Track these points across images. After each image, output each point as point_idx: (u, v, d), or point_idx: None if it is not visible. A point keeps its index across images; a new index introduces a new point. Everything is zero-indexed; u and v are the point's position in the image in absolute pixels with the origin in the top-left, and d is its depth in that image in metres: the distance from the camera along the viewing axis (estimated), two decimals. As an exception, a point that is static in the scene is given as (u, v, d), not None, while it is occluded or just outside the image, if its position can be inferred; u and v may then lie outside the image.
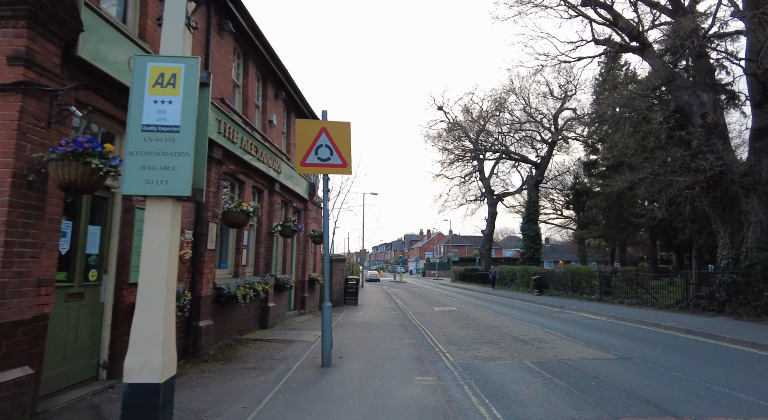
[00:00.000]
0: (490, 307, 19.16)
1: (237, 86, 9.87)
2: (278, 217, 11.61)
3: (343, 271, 18.36)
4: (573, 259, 63.16)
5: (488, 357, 7.96)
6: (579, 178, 38.33)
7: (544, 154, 34.03)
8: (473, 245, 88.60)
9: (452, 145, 40.61)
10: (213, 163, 7.81)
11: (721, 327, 11.42)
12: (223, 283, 8.38)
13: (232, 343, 8.58)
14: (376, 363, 7.07)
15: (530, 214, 33.46)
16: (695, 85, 14.09)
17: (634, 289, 18.47)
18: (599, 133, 30.97)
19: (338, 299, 18.13)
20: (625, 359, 7.69)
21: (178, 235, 3.65)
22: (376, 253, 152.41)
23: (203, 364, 6.82)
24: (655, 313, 14.83)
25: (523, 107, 34.07)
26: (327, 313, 6.76)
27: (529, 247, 33.13)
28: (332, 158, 7.02)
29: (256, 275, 10.46)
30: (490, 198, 41.10)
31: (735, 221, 13.05)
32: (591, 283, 21.95)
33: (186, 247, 7.11)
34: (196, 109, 3.56)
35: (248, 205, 7.74)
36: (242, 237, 9.51)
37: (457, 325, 12.77)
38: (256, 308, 10.37)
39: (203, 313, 7.47)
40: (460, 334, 10.79)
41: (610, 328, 12.35)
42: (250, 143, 9.38)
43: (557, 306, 19.18)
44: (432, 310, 17.59)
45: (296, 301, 13.99)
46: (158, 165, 3.43)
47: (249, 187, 9.85)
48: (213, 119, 7.66)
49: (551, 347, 8.92)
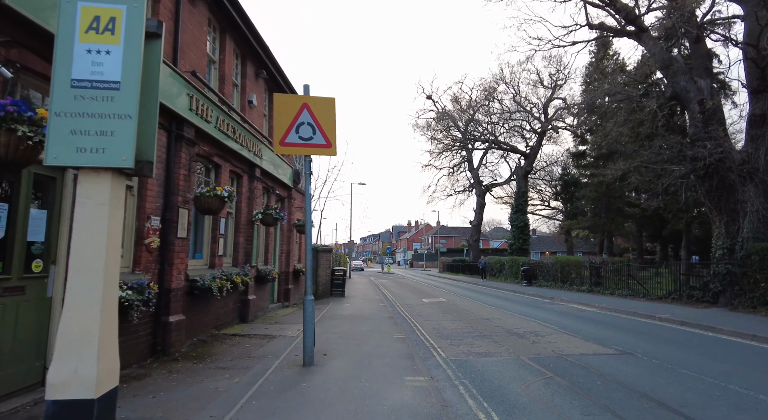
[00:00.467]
0: (480, 298, 18.78)
1: (213, 62, 9.11)
2: (259, 204, 10.93)
3: (330, 262, 17.75)
4: (559, 250, 63.50)
5: (483, 352, 7.46)
6: (567, 169, 38.20)
7: (534, 144, 33.69)
8: (461, 236, 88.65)
9: (441, 135, 40.08)
10: (183, 142, 7.09)
11: (718, 318, 11.13)
12: (197, 274, 7.71)
13: (207, 339, 7.94)
14: (363, 361, 6.51)
15: (519, 204, 33.18)
16: (692, 71, 13.69)
17: (625, 280, 18.24)
18: (588, 124, 30.72)
19: (324, 291, 17.54)
20: (627, 355, 7.26)
21: (120, 216, 3.00)
22: (364, 244, 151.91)
23: (172, 364, 6.18)
24: (647, 305, 14.56)
25: (513, 96, 33.63)
26: (309, 307, 6.17)
27: (517, 238, 32.89)
28: (315, 137, 6.38)
29: (234, 266, 9.80)
30: (478, 188, 40.75)
31: (731, 211, 12.76)
32: (581, 274, 21.73)
33: (153, 235, 6.42)
34: (141, 63, 2.89)
35: (223, 190, 7.07)
36: (219, 225, 8.83)
37: (447, 317, 12.30)
38: (235, 301, 9.73)
39: (173, 307, 6.81)
40: (451, 327, 10.30)
41: (604, 320, 12.00)
42: (226, 124, 8.66)
43: (547, 297, 18.88)
44: (421, 301, 17.12)
45: (280, 294, 13.37)
46: (93, 129, 2.77)
47: (226, 172, 9.14)
48: (183, 94, 6.93)
49: (548, 341, 8.47)
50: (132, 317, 5.46)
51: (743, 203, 12.47)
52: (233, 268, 9.63)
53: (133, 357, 5.96)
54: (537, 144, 33.43)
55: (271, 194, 12.34)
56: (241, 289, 9.30)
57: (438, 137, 37.87)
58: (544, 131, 32.75)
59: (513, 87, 33.40)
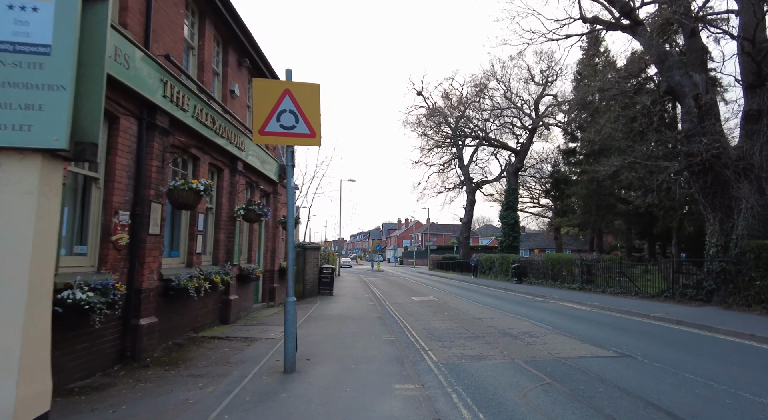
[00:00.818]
0: (470, 296, 18.46)
1: (191, 48, 8.57)
2: (242, 199, 10.42)
3: (318, 259, 17.27)
4: (548, 247, 63.79)
5: (476, 355, 7.09)
6: (557, 166, 38.12)
7: (525, 140, 33.47)
8: (451, 234, 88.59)
9: (431, 131, 39.74)
10: (156, 131, 6.57)
11: (713, 317, 10.91)
12: (172, 273, 7.21)
13: (184, 343, 7.45)
14: (349, 366, 6.09)
15: (509, 201, 32.97)
16: (687, 66, 13.45)
17: (617, 278, 18.06)
18: (579, 121, 30.58)
19: (312, 290, 17.07)
20: (627, 357, 6.94)
21: (56, 209, 2.52)
22: (354, 241, 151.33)
23: (141, 371, 5.69)
24: (640, 303, 14.35)
25: (503, 93, 33.37)
26: (290, 309, 5.71)
27: (507, 235, 32.70)
28: (298, 126, 5.91)
29: (215, 265, 9.30)
30: (468, 186, 40.51)
31: (725, 208, 12.56)
32: (572, 272, 21.54)
33: (121, 232, 5.91)
34: (77, 24, 2.41)
35: (199, 183, 6.57)
36: (197, 221, 8.32)
37: (438, 317, 11.92)
38: (216, 301, 9.23)
39: (145, 309, 6.31)
40: (442, 328, 9.92)
41: (598, 319, 11.72)
42: (206, 114, 8.14)
43: (539, 295, 18.64)
44: (411, 300, 16.74)
45: (264, 293, 12.87)
46: (16, 102, 2.29)
47: (205, 165, 8.62)
48: (156, 79, 6.41)
49: (543, 343, 8.12)
50: (94, 322, 4.96)
51: (738, 200, 12.28)
52: (213, 266, 9.12)
53: (97, 364, 5.46)
54: (528, 141, 33.23)
55: (255, 189, 11.82)
56: (221, 288, 8.80)
57: (428, 133, 37.50)
58: (534, 128, 32.55)
59: (504, 83, 33.16)
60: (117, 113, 5.78)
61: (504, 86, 33.03)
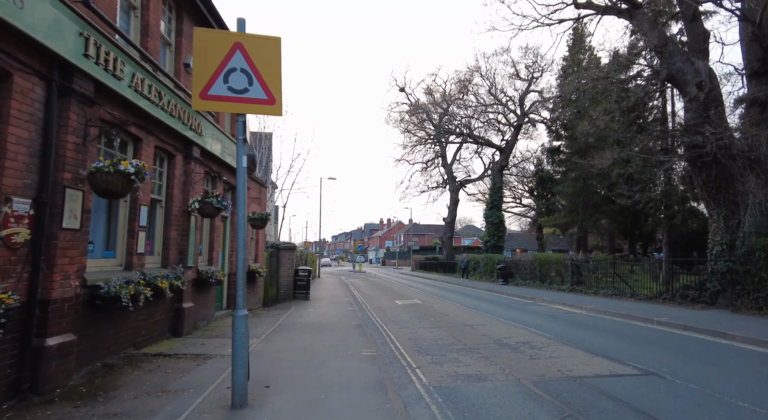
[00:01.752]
0: (456, 299, 17.36)
1: (132, 8, 7.15)
2: (199, 191, 9.03)
3: (293, 260, 15.90)
4: (530, 247, 63.53)
5: (473, 375, 5.89)
6: (542, 164, 37.51)
7: (510, 137, 32.66)
8: (433, 234, 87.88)
9: (414, 128, 38.70)
10: (74, 98, 5.18)
11: (723, 322, 10.00)
12: (101, 278, 5.81)
13: (117, 364, 6.04)
14: (317, 396, 4.81)
15: (494, 200, 32.11)
16: (688, 52, 12.61)
17: (609, 279, 17.21)
18: (563, 118, 29.86)
19: (287, 293, 15.69)
20: (652, 375, 5.84)
21: None
22: (335, 242, 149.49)
23: (39, 410, 4.29)
24: (638, 306, 13.45)
25: (488, 88, 32.50)
26: (240, 327, 4.43)
27: (492, 235, 31.81)
28: (252, 90, 4.61)
29: (164, 267, 7.89)
30: (452, 184, 39.61)
31: (730, 203, 11.73)
32: (561, 273, 20.68)
33: (17, 225, 4.51)
34: None
35: (129, 165, 5.19)
36: (138, 215, 6.91)
37: (424, 323, 10.73)
38: (165, 310, 7.82)
39: (55, 325, 4.90)
40: (430, 338, 8.72)
41: (599, 324, 10.71)
42: (149, 86, 6.75)
43: (528, 297, 17.67)
44: (394, 303, 15.53)
45: (230, 299, 11.45)
46: None
47: (149, 148, 7.21)
48: (72, 31, 5.03)
49: (548, 357, 6.99)
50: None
51: (744, 195, 11.46)
52: (162, 269, 7.72)
53: (-26, 404, 4.05)
54: (513, 138, 32.43)
55: (218, 181, 10.42)
56: (169, 295, 7.39)
57: (411, 130, 36.40)
58: (520, 125, 31.78)
59: (488, 79, 32.31)
60: (8, 68, 4.38)
61: (488, 82, 32.20)
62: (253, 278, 12.71)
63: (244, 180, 4.58)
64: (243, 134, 4.61)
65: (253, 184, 12.87)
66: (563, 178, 29.22)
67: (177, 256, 8.29)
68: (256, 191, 13.23)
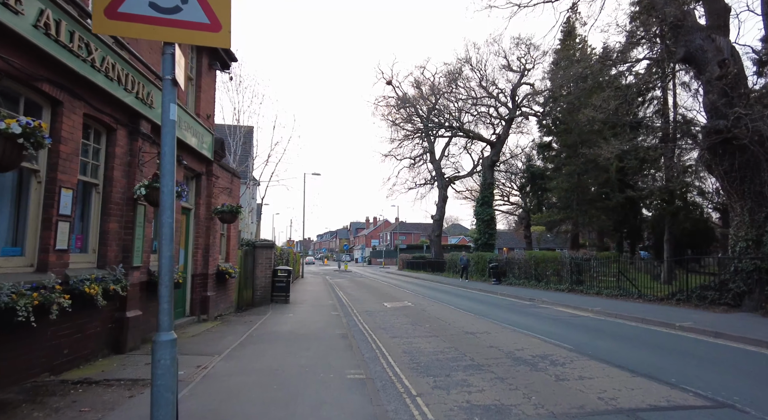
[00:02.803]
0: (450, 300, 16.03)
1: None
2: (150, 176, 7.46)
3: (271, 260, 14.34)
4: (517, 245, 62.73)
5: (493, 407, 4.51)
6: (532, 160, 36.52)
7: (501, 132, 31.49)
8: (420, 232, 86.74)
9: (402, 121, 37.35)
10: (-67, 29, 3.62)
11: (759, 329, 8.84)
12: (-8, 284, 4.25)
13: (12, 399, 4.48)
14: (283, 452, 3.36)
15: (485, 196, 30.92)
16: (708, 29, 11.47)
17: (613, 279, 16.08)
18: (556, 112, 28.82)
19: (263, 296, 14.14)
20: (728, 408, 4.51)
21: None
22: (321, 241, 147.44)
23: None
24: (650, 308, 12.29)
25: (479, 81, 31.27)
26: (163, 356, 2.96)
27: (483, 233, 30.63)
28: (186, 10, 3.13)
29: (102, 267, 6.34)
30: (441, 181, 38.37)
31: (756, 195, 10.62)
32: (558, 272, 19.54)
33: None
34: None
35: (14, 123, 3.65)
36: (58, 200, 5.34)
37: (419, 331, 9.34)
38: (102, 321, 6.26)
39: None
40: (428, 350, 7.33)
41: (616, 330, 9.48)
42: (72, 34, 5.21)
43: (525, 298, 16.45)
44: (383, 306, 14.11)
45: (194, 304, 9.88)
46: None
47: (75, 115, 5.64)
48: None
49: (578, 377, 5.65)
50: None
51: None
52: (98, 270, 6.17)
53: None
54: (504, 132, 31.27)
55: (179, 167, 8.85)
56: (103, 303, 5.83)
57: (399, 123, 35.02)
58: (512, 118, 30.64)
59: (479, 71, 31.09)
60: None
61: (479, 74, 30.97)
62: (223, 280, 11.14)
63: (172, 140, 3.09)
64: (171, 73, 3.12)
65: (223, 172, 11.30)
66: (556, 173, 28.20)
67: (119, 254, 6.73)
68: (227, 181, 11.66)
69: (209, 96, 10.66)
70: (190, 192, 10.01)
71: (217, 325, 9.77)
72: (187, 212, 9.78)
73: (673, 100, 19.60)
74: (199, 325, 9.53)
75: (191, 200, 9.99)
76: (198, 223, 10.04)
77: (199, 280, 10.05)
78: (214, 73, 11.04)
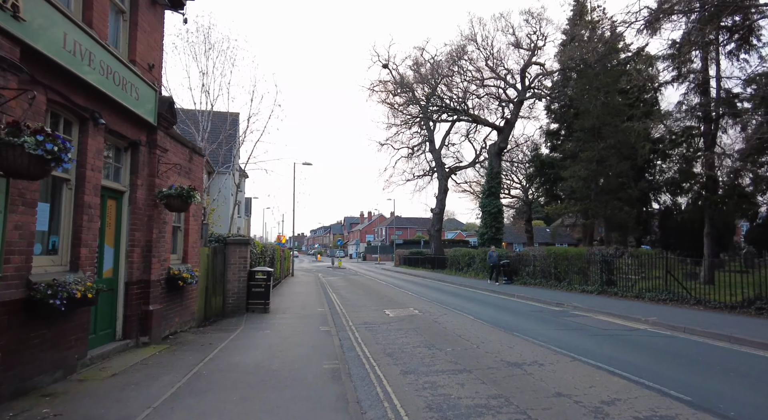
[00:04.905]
0: (463, 306, 13.43)
1: None
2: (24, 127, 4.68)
3: (246, 259, 11.60)
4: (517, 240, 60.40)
5: None
6: (538, 149, 34.00)
7: (510, 116, 28.79)
8: (416, 227, 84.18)
9: (400, 107, 34.60)
10: None
11: None
12: None
13: None
14: None
15: (491, 187, 28.33)
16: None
17: (663, 280, 13.53)
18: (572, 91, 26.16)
19: (237, 304, 11.42)
20: None
21: None
22: (314, 236, 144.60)
23: None
24: (723, 319, 9.76)
25: (485, 59, 28.53)
26: None
27: (490, 226, 28.05)
28: None
29: None
30: (440, 172, 35.74)
31: None
32: (584, 270, 17.00)
33: None
34: None
35: None
36: None
37: (441, 360, 6.69)
38: None
39: None
40: (466, 404, 4.68)
41: (722, 360, 6.94)
42: None
43: (551, 303, 13.91)
44: (384, 316, 11.47)
45: (129, 322, 7.12)
46: None
47: None
48: None
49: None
50: None
51: None
52: None
53: None
54: (513, 115, 28.58)
55: (95, 129, 6.05)
56: None
57: (397, 108, 32.25)
58: (521, 101, 27.97)
59: (485, 49, 28.33)
60: None
61: (485, 52, 28.22)
62: (176, 287, 8.39)
63: None
64: None
65: (175, 145, 8.52)
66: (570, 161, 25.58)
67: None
68: (182, 157, 8.88)
69: (152, 40, 7.85)
70: (124, 169, 7.25)
71: (161, 351, 7.05)
72: (116, 196, 7.01)
73: (717, 71, 17.05)
74: (134, 353, 6.80)
75: (124, 179, 7.23)
76: (135, 212, 7.27)
77: (138, 290, 7.30)
78: (160, 12, 8.23)
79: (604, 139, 22.71)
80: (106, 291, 6.48)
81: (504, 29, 28.03)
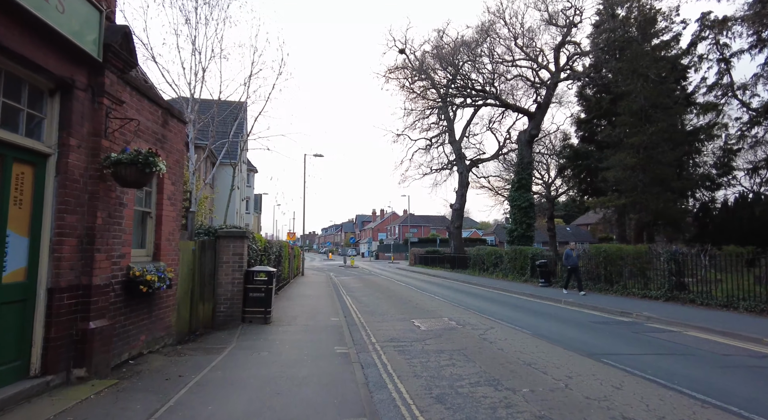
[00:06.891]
0: (507, 315, 10.96)
1: None
2: None
3: (242, 257, 9.27)
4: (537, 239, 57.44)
5: None
6: (568, 139, 31.23)
7: (542, 100, 26.06)
8: (430, 225, 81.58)
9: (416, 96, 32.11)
10: None
11: None
12: None
13: None
14: None
15: (522, 179, 25.66)
16: None
17: (764, 285, 10.90)
18: (614, 69, 23.33)
19: (231, 313, 9.09)
20: None
21: None
22: (325, 234, 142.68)
23: None
24: None
25: (513, 39, 25.84)
26: None
27: (520, 222, 25.40)
28: None
29: None
30: (461, 164, 33.17)
31: None
32: (645, 272, 14.39)
33: None
34: None
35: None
36: None
37: (524, 413, 4.23)
38: None
39: None
40: None
41: None
42: None
43: (614, 311, 11.41)
44: (414, 328, 9.07)
45: (54, 349, 4.82)
46: None
47: None
48: None
49: None
50: None
51: None
52: None
53: None
54: (546, 100, 25.84)
55: None
56: None
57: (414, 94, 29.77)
58: (555, 83, 25.24)
59: (514, 27, 25.66)
60: None
61: (515, 30, 25.52)
62: (139, 294, 6.04)
63: None
64: None
65: (136, 98, 6.18)
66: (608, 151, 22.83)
67: None
68: (151, 118, 6.55)
69: (101, -56, 5.51)
70: (48, 121, 4.93)
71: (101, 391, 4.72)
72: (33, 160, 4.69)
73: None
74: (54, 397, 4.48)
75: (49, 137, 4.90)
76: (67, 185, 4.93)
77: (71, 300, 4.98)
78: None
79: (654, 123, 19.97)
80: (8, 303, 4.18)
81: (535, 5, 25.32)
